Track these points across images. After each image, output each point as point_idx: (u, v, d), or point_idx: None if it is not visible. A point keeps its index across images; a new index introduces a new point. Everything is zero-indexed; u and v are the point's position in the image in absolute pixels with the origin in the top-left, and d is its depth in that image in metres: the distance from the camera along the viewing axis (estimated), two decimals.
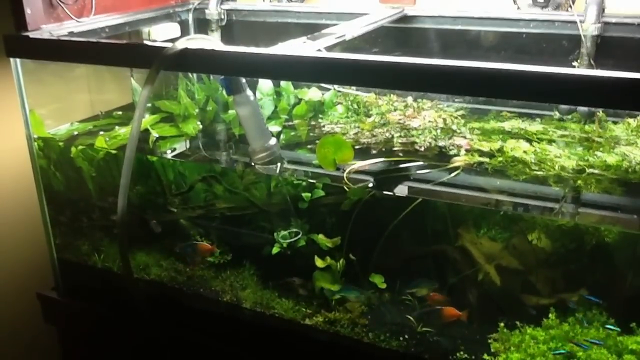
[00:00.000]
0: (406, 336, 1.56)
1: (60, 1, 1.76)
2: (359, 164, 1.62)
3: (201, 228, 1.82)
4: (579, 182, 1.48)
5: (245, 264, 1.77)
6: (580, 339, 1.40)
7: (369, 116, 1.91)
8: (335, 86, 1.99)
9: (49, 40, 1.65)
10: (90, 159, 1.85)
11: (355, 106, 1.95)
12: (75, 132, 1.93)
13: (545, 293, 1.50)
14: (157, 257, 1.88)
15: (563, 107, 1.83)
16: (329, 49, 1.50)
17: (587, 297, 1.44)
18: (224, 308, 1.75)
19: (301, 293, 1.67)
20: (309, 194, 1.65)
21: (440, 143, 1.70)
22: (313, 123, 1.93)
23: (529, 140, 1.68)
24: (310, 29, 1.65)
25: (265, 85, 1.98)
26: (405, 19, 2.03)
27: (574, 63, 1.86)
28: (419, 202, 1.51)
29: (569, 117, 1.83)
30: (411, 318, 1.57)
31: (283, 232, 1.68)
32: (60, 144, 1.87)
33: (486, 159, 1.59)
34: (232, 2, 2.26)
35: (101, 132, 1.89)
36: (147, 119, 1.92)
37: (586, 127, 1.77)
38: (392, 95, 1.98)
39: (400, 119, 1.86)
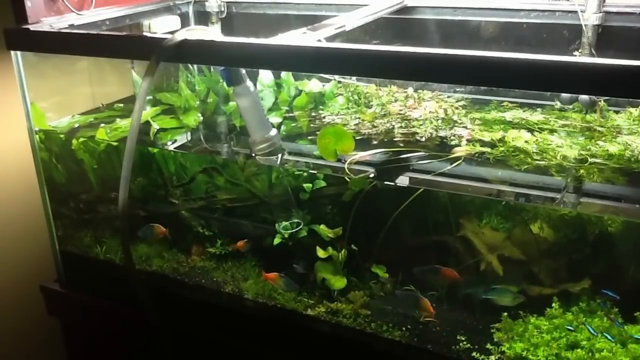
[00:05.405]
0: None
1: None
2: (360, 155, 1.62)
3: (202, 219, 1.82)
4: (581, 171, 1.48)
5: (246, 255, 1.78)
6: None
7: (370, 107, 1.91)
8: (336, 77, 1.99)
9: (50, 32, 1.64)
10: (92, 151, 1.86)
11: (356, 97, 1.95)
12: (77, 125, 1.93)
13: (547, 283, 1.50)
14: (159, 248, 1.88)
15: (564, 97, 1.83)
16: (329, 39, 1.49)
17: (604, 291, 1.43)
18: (226, 299, 1.75)
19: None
20: (310, 185, 1.65)
21: (442, 133, 1.70)
22: (314, 114, 1.93)
23: (531, 130, 1.67)
24: (310, 21, 1.64)
25: (265, 76, 1.98)
26: (405, 9, 2.02)
27: (575, 53, 1.85)
28: (420, 192, 1.51)
29: (570, 107, 1.83)
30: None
31: (284, 223, 1.68)
32: (62, 136, 1.88)
33: (487, 149, 1.59)
34: None
35: (102, 124, 1.89)
36: (148, 111, 1.92)
37: (587, 116, 1.77)
38: (392, 86, 1.98)
39: (401, 110, 1.86)
